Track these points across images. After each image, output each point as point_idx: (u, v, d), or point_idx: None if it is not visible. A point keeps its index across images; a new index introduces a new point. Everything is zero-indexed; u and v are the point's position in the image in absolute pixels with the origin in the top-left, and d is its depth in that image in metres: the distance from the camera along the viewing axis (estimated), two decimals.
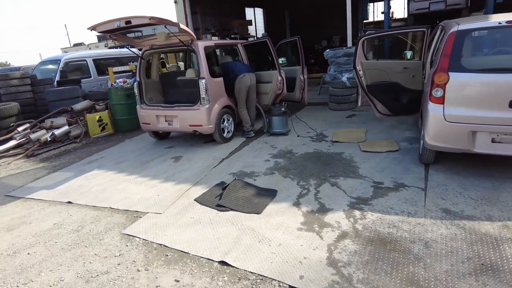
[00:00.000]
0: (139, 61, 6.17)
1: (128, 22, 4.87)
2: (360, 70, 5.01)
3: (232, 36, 12.86)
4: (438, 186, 3.77)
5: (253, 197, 3.83)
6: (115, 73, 9.99)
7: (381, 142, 5.26)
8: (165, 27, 5.07)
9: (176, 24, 4.89)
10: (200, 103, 5.51)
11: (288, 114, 6.29)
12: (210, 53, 5.86)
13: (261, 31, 16.32)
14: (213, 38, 12.35)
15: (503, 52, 3.86)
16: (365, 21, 15.74)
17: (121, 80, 8.04)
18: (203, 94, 5.46)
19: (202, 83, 5.43)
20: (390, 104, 5.18)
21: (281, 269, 2.65)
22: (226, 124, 5.98)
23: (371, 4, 17.78)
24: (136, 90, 6.17)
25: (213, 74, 5.69)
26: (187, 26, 11.02)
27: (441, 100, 3.79)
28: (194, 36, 5.36)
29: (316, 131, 6.26)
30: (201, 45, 5.53)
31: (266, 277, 2.59)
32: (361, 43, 4.88)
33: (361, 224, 3.16)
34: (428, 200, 3.50)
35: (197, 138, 6.35)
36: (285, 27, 16.00)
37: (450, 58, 3.73)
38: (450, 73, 3.71)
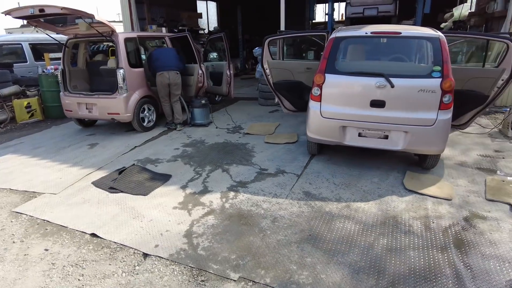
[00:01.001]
0: (63, 49, 6.26)
1: (41, 10, 4.99)
2: (267, 69, 5.44)
3: (180, 27, 12.99)
4: (312, 173, 4.31)
5: (146, 181, 4.16)
6: (55, 59, 9.84)
7: (284, 135, 5.78)
8: (80, 17, 5.23)
9: (90, 16, 5.06)
10: (118, 92, 5.73)
11: (209, 107, 6.66)
12: (131, 44, 6.06)
13: (213, 24, 16.52)
14: (163, 29, 12.44)
15: (367, 58, 4.44)
16: (314, 21, 16.42)
17: (52, 66, 8.00)
18: (120, 83, 5.69)
19: (120, 72, 5.66)
20: (295, 101, 5.67)
21: (142, 239, 3.02)
22: (147, 114, 6.24)
23: (324, 4, 18.50)
24: (59, 78, 6.26)
25: (133, 64, 5.92)
26: (130, 15, 11.05)
27: (318, 98, 4.31)
28: (113, 28, 5.55)
29: (235, 124, 6.68)
30: (121, 37, 5.74)
31: (126, 246, 2.95)
32: (266, 43, 5.31)
33: (230, 203, 3.60)
34: (297, 184, 4.01)
35: (119, 127, 6.56)
36: (238, 22, 16.28)
37: (327, 61, 4.25)
38: (326, 75, 4.23)
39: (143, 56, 7.47)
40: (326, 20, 19.39)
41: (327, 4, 18.17)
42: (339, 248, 2.87)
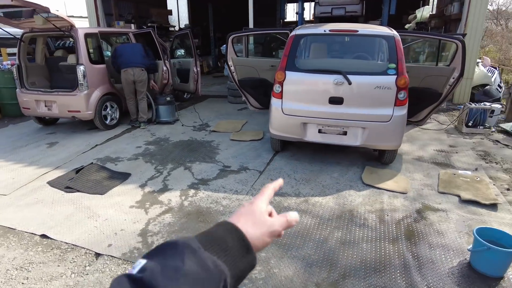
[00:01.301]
0: (18, 43, 5.99)
1: None
2: (231, 66, 5.43)
3: (149, 24, 12.71)
4: (275, 169, 4.34)
5: (104, 179, 4.05)
6: (13, 54, 9.38)
7: (250, 132, 5.79)
8: (35, 10, 5.01)
9: (45, 9, 4.86)
10: (78, 89, 5.55)
11: (175, 104, 6.57)
12: (92, 40, 5.88)
13: (184, 22, 16.30)
14: (132, 26, 12.14)
15: (326, 55, 4.53)
16: (285, 20, 16.58)
17: (9, 62, 7.64)
18: (81, 80, 5.50)
19: (80, 69, 5.47)
20: (260, 98, 5.69)
21: (96, 239, 2.94)
22: (110, 111, 6.08)
23: (295, 4, 18.64)
24: (15, 73, 5.98)
25: (94, 61, 5.74)
26: (96, 10, 10.72)
27: (280, 95, 4.35)
28: (72, 22, 5.36)
29: (202, 121, 6.63)
30: (80, 32, 5.55)
31: (78, 246, 2.86)
32: (230, 40, 5.31)
33: (189, 201, 3.57)
34: (259, 181, 4.03)
35: (81, 125, 6.35)
36: (209, 20, 16.16)
37: (288, 58, 4.29)
38: (286, 72, 4.27)
39: (108, 53, 7.28)
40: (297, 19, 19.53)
41: (297, 4, 18.39)
42: (294, 242, 2.90)
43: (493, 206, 3.52)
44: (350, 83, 3.98)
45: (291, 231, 3.06)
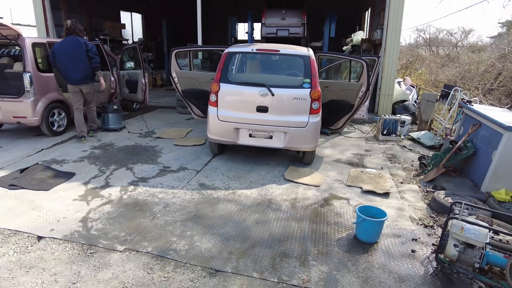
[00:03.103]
0: None
1: None
2: (175, 78, 5.97)
3: (102, 37, 12.92)
4: (211, 169, 4.90)
5: (49, 178, 4.36)
6: None
7: (193, 138, 6.32)
8: None
9: None
10: (25, 96, 5.77)
11: (121, 112, 6.94)
12: (41, 50, 6.14)
13: (139, 36, 16.60)
14: (84, 38, 12.26)
15: (253, 70, 5.26)
16: (238, 39, 17.47)
17: None
18: (27, 87, 5.74)
19: (26, 76, 5.72)
20: (202, 108, 6.25)
21: (39, 226, 3.29)
22: (57, 118, 6.31)
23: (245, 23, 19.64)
24: None
25: (41, 69, 6.00)
26: (45, 21, 10.79)
27: (215, 104, 4.96)
28: (19, 31, 5.62)
29: (149, 129, 7.04)
30: (28, 41, 5.81)
31: (21, 231, 3.19)
32: (173, 54, 5.86)
33: (128, 195, 4.01)
34: (195, 178, 4.56)
35: (28, 132, 6.49)
36: (163, 35, 16.59)
37: (221, 72, 4.93)
38: (221, 84, 4.90)
39: None
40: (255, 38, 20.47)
41: (247, 24, 19.39)
42: (216, 223, 3.46)
43: (386, 195, 4.34)
44: (273, 95, 4.69)
45: (216, 215, 3.62)
